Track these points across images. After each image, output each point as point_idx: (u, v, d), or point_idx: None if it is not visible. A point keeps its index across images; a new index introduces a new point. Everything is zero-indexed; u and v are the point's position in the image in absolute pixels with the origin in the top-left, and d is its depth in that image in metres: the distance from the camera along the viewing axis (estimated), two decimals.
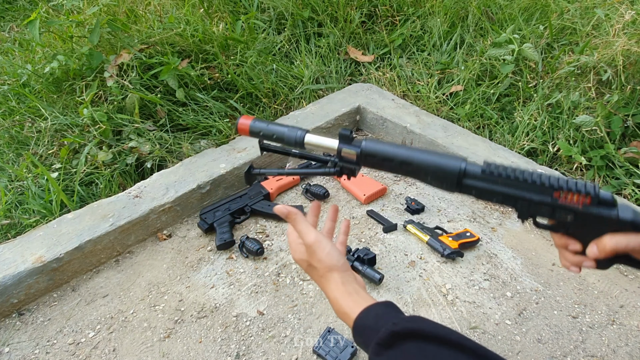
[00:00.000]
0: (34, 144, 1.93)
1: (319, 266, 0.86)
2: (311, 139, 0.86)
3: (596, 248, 0.73)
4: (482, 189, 0.79)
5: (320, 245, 0.85)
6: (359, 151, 0.82)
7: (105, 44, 2.10)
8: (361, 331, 0.77)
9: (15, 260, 1.39)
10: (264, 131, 0.89)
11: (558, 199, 0.73)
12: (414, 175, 0.81)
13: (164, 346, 1.30)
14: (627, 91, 1.89)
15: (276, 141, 0.89)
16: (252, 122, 0.90)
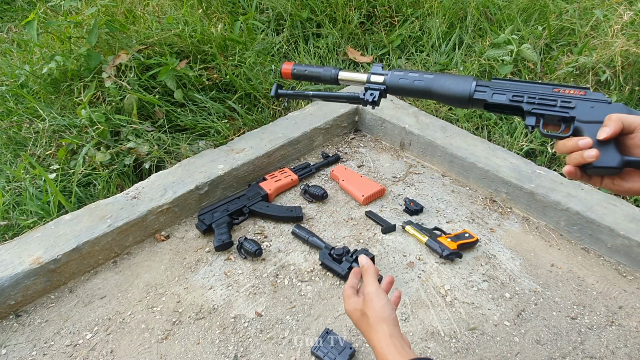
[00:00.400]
0: (32, 144, 1.93)
1: (372, 315, 0.92)
2: (344, 75, 1.03)
3: (603, 127, 0.78)
4: (494, 88, 0.89)
5: (379, 296, 0.94)
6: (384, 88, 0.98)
7: (103, 45, 2.09)
8: None
9: (12, 261, 1.39)
10: (304, 73, 1.06)
11: (558, 92, 0.85)
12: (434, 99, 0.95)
13: (162, 348, 1.30)
14: (625, 92, 1.89)
15: (314, 80, 1.06)
16: (294, 67, 1.07)
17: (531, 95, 0.86)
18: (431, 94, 0.94)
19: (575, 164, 0.80)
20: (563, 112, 0.84)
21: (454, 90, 0.90)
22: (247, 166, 1.82)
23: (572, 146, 0.80)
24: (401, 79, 0.96)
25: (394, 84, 0.97)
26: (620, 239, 1.52)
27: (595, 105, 0.83)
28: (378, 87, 0.99)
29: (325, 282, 1.49)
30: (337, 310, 1.40)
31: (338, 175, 1.88)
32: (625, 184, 0.79)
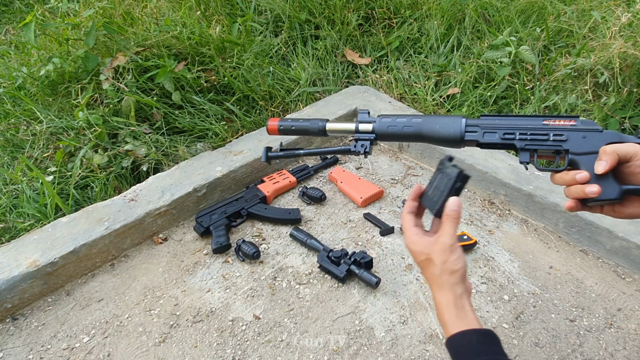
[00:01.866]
0: (29, 147, 1.92)
1: (443, 267, 0.83)
2: (331, 126, 1.02)
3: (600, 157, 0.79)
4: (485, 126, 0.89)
5: (457, 250, 0.84)
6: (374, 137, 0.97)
7: (101, 47, 2.09)
8: (455, 350, 0.79)
9: (9, 264, 1.38)
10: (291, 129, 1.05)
11: (548, 124, 0.85)
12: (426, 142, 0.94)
13: (159, 351, 1.29)
14: (623, 94, 1.89)
15: (303, 134, 1.06)
16: (280, 122, 1.06)
17: (522, 131, 0.86)
18: (422, 137, 0.93)
19: (576, 197, 0.82)
20: (556, 146, 0.84)
21: (445, 133, 0.90)
22: (245, 168, 1.82)
23: (570, 180, 0.82)
24: (390, 127, 0.95)
25: (383, 131, 0.96)
26: (619, 241, 1.52)
27: (587, 135, 0.83)
28: (368, 137, 0.98)
29: (324, 284, 1.48)
30: (335, 313, 1.39)
31: (336, 177, 1.87)
32: (625, 210, 0.82)
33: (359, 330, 1.34)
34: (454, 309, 0.81)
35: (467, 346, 0.77)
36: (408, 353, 1.28)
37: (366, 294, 1.45)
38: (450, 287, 0.82)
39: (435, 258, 0.84)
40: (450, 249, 0.83)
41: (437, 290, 0.84)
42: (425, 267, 0.86)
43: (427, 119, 0.92)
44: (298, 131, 1.05)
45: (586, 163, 0.81)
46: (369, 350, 1.29)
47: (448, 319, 0.80)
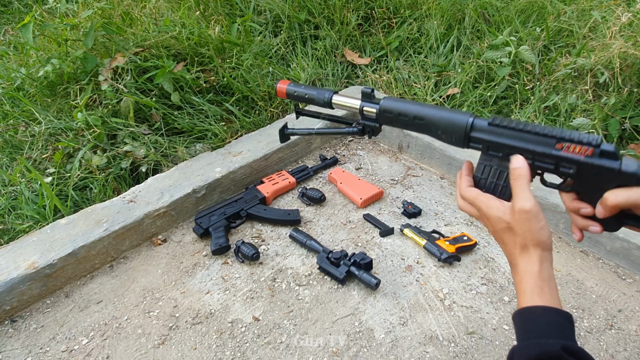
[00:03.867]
0: (28, 148, 1.92)
1: (526, 235, 0.76)
2: (338, 99, 1.00)
3: (601, 207, 0.75)
4: (489, 142, 0.82)
5: (539, 216, 0.76)
6: (378, 108, 0.93)
7: (99, 48, 2.08)
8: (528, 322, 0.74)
9: (7, 266, 1.37)
10: (298, 93, 1.04)
11: (561, 150, 0.75)
12: (427, 130, 0.88)
13: (159, 353, 1.29)
14: (624, 94, 1.89)
15: (308, 102, 1.05)
16: (289, 86, 1.05)
17: (529, 154, 0.78)
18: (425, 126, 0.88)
19: (580, 227, 0.82)
20: (563, 174, 0.78)
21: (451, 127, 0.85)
22: (245, 169, 1.81)
23: (574, 208, 0.80)
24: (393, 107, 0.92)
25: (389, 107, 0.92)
26: (619, 241, 1.52)
27: (601, 171, 0.73)
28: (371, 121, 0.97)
29: (323, 286, 1.48)
30: (335, 315, 1.39)
31: (336, 178, 1.87)
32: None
33: (359, 332, 1.34)
34: (538, 279, 0.75)
35: (547, 324, 0.72)
36: (408, 355, 1.28)
37: (366, 296, 1.44)
38: (538, 256, 0.76)
39: (517, 228, 0.77)
40: (532, 214, 0.76)
41: (521, 261, 0.78)
42: (504, 236, 0.80)
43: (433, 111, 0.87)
44: (304, 98, 1.04)
45: (592, 197, 0.77)
46: (368, 351, 1.29)
47: (530, 289, 0.75)
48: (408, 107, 0.89)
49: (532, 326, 0.73)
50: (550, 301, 0.74)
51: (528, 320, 0.74)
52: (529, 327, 0.73)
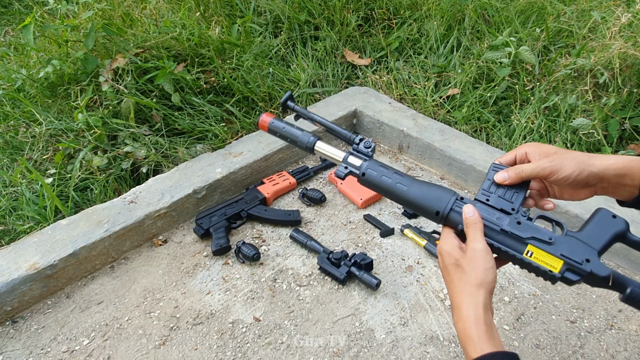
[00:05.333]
0: (29, 149, 1.92)
1: (473, 275, 0.78)
2: (320, 147, 0.98)
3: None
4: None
5: (486, 257, 0.79)
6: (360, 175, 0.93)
7: (100, 49, 2.09)
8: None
9: (8, 267, 1.38)
10: (280, 132, 1.01)
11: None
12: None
13: (159, 354, 1.29)
14: (623, 94, 1.89)
15: (290, 143, 1.01)
16: (271, 122, 1.02)
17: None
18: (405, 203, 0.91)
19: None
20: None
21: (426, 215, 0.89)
22: (245, 170, 1.81)
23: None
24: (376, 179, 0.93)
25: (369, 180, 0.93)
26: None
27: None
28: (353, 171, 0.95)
29: (324, 286, 1.48)
30: (335, 315, 1.39)
31: (336, 179, 1.87)
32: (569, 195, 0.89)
33: (359, 332, 1.34)
34: (483, 325, 0.75)
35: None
36: (408, 355, 1.28)
37: (366, 296, 1.45)
38: (483, 299, 0.76)
39: (465, 264, 0.79)
40: (482, 252, 0.79)
41: (464, 300, 0.77)
42: (451, 273, 0.81)
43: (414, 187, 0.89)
44: (285, 137, 1.01)
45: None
46: (369, 352, 1.29)
47: (477, 336, 0.74)
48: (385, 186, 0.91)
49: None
50: (497, 344, 0.74)
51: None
52: None
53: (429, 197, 0.87)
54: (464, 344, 0.76)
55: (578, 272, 0.77)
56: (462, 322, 0.76)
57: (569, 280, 0.78)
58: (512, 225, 0.82)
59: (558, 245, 0.79)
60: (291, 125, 1.02)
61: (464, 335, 0.76)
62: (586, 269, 0.76)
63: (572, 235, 0.80)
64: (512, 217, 0.83)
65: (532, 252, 0.80)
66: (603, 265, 0.77)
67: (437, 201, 0.87)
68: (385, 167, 0.93)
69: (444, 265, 0.82)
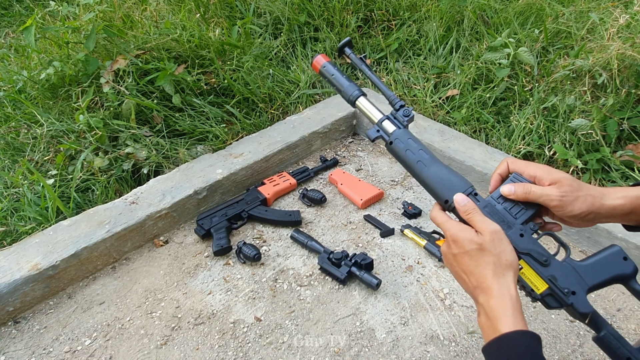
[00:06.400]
0: (30, 150, 1.93)
1: (503, 257, 0.77)
2: (362, 102, 1.01)
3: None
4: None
5: (506, 238, 0.79)
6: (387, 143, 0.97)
7: (101, 50, 2.10)
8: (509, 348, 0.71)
9: (10, 268, 1.38)
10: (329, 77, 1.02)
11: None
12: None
13: (161, 353, 1.30)
14: (622, 95, 1.90)
15: (336, 90, 1.03)
16: (324, 65, 1.02)
17: None
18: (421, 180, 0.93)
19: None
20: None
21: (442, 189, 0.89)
22: (246, 171, 1.82)
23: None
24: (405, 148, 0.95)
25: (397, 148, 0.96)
26: (618, 241, 1.53)
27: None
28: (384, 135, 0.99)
29: (325, 286, 1.49)
30: (336, 315, 1.40)
31: (336, 179, 1.88)
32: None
33: (360, 332, 1.35)
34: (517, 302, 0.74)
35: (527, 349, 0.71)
36: (409, 354, 1.29)
37: (367, 296, 1.45)
38: (513, 278, 0.76)
39: (490, 248, 0.77)
40: (502, 234, 0.78)
41: (496, 281, 0.76)
42: (474, 258, 0.78)
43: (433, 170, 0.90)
44: (332, 84, 1.03)
45: None
46: (370, 351, 1.30)
47: (510, 313, 0.73)
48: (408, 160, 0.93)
49: (514, 352, 0.71)
50: (525, 324, 0.74)
51: (511, 347, 0.71)
52: (512, 353, 0.71)
53: (443, 183, 0.87)
54: (495, 323, 0.74)
55: (558, 301, 0.78)
56: (494, 300, 0.75)
57: (548, 304, 0.78)
58: (514, 235, 0.81)
59: (551, 269, 0.79)
60: (342, 73, 1.02)
61: (494, 315, 0.74)
62: (567, 301, 0.77)
63: (571, 263, 0.80)
64: (516, 227, 0.82)
65: (522, 266, 0.80)
66: (587, 302, 0.77)
67: (450, 189, 0.86)
68: (414, 141, 0.94)
69: (465, 251, 0.79)
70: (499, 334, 0.72)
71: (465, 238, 0.80)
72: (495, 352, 0.72)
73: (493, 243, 0.78)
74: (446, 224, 0.84)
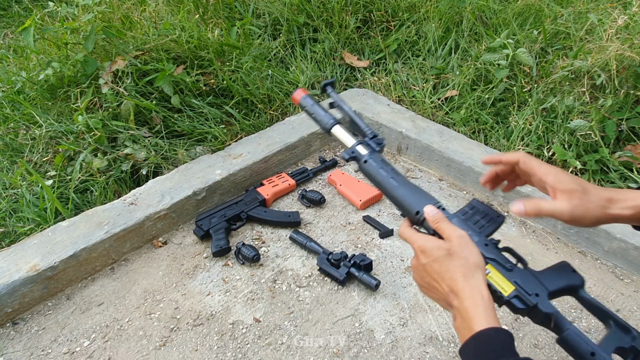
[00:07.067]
0: (29, 151, 1.93)
1: (470, 258, 0.80)
2: (337, 131, 1.07)
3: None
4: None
5: (471, 241, 0.83)
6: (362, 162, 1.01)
7: (100, 51, 2.09)
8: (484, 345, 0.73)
9: (9, 269, 1.38)
10: (307, 108, 1.11)
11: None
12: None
13: (160, 355, 1.29)
14: (620, 95, 1.90)
15: (313, 120, 1.11)
16: (303, 97, 1.12)
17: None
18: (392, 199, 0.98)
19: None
20: None
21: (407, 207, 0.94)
22: (245, 171, 1.82)
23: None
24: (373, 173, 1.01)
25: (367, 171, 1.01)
26: (617, 242, 1.53)
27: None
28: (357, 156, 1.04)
29: (324, 287, 1.49)
30: (335, 316, 1.40)
31: (335, 180, 1.88)
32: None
33: (359, 333, 1.35)
34: (489, 301, 0.77)
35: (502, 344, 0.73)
36: (408, 355, 1.29)
37: (366, 297, 1.45)
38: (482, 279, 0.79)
39: (458, 251, 0.81)
40: (468, 238, 0.83)
41: (467, 282, 0.78)
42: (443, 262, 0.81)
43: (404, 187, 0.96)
44: (310, 114, 1.12)
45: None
46: (369, 352, 1.30)
47: (483, 312, 0.75)
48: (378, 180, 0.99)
49: (489, 348, 0.73)
50: (498, 322, 0.76)
51: (487, 343, 0.73)
52: (487, 349, 0.73)
53: (413, 197, 0.94)
54: (468, 323, 0.76)
55: (525, 302, 0.81)
56: (467, 301, 0.77)
57: (514, 307, 0.81)
58: (480, 243, 0.87)
59: (515, 274, 0.84)
60: (319, 105, 1.11)
61: (467, 316, 0.76)
62: (533, 301, 0.81)
63: (531, 271, 0.85)
64: (482, 238, 0.89)
65: (490, 271, 0.84)
66: (550, 304, 0.81)
67: (419, 203, 0.92)
68: (386, 164, 1.00)
69: (434, 259, 0.82)
70: (473, 332, 0.74)
71: (434, 246, 0.83)
72: (471, 350, 0.74)
73: (460, 247, 0.81)
74: (413, 237, 0.88)
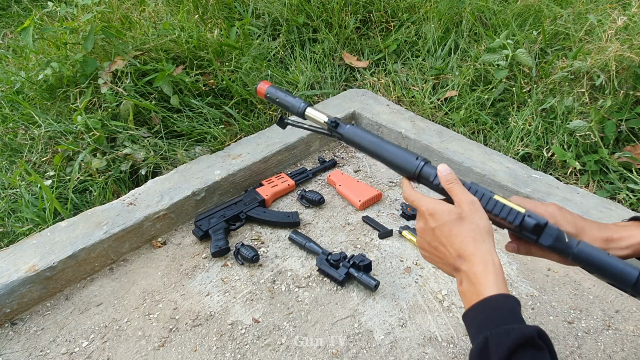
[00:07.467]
0: (28, 151, 1.92)
1: (481, 223, 0.79)
2: (310, 112, 1.07)
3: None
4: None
5: (482, 207, 0.82)
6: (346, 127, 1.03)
7: (99, 51, 2.09)
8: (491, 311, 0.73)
9: (8, 269, 1.38)
10: (275, 99, 1.11)
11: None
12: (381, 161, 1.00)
13: (159, 355, 1.29)
14: (620, 96, 1.90)
15: (284, 109, 1.10)
16: (269, 88, 1.11)
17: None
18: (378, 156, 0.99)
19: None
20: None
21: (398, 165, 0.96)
22: (244, 172, 1.82)
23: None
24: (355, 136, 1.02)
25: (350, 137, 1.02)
26: None
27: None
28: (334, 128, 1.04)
29: (323, 287, 1.48)
30: (334, 316, 1.39)
31: (335, 181, 1.88)
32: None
33: (358, 333, 1.34)
34: (499, 267, 0.76)
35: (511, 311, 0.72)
36: (407, 356, 1.29)
37: (365, 297, 1.45)
38: (492, 244, 0.78)
39: (469, 217, 0.80)
40: (479, 205, 0.82)
41: (478, 247, 0.77)
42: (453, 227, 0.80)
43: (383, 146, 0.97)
44: (280, 104, 1.10)
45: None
46: (368, 353, 1.29)
47: (493, 277, 0.74)
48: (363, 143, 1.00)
49: (498, 314, 0.72)
50: (507, 289, 0.76)
51: (495, 309, 0.73)
52: (496, 315, 0.73)
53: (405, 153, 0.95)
54: (478, 287, 0.76)
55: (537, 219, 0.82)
56: (477, 266, 0.76)
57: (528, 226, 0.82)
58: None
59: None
60: (285, 93, 1.11)
61: (477, 281, 0.76)
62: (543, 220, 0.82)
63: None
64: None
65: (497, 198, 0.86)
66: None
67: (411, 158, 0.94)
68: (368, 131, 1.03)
69: (444, 222, 0.81)
70: (482, 297, 0.74)
71: (444, 210, 0.82)
72: (478, 315, 0.74)
73: (471, 212, 0.81)
74: (422, 200, 0.87)
